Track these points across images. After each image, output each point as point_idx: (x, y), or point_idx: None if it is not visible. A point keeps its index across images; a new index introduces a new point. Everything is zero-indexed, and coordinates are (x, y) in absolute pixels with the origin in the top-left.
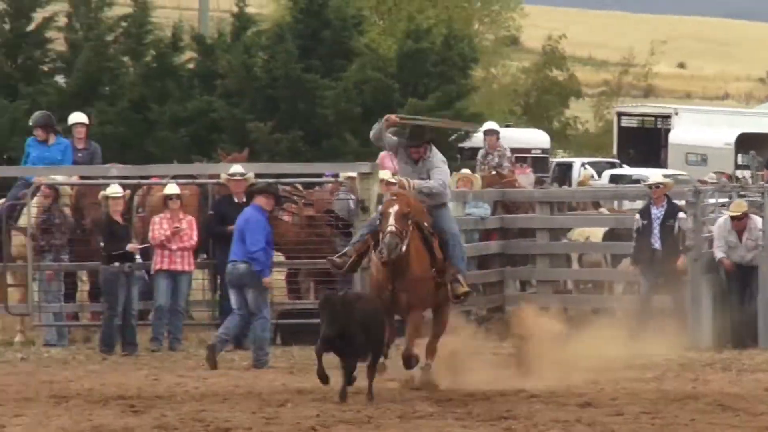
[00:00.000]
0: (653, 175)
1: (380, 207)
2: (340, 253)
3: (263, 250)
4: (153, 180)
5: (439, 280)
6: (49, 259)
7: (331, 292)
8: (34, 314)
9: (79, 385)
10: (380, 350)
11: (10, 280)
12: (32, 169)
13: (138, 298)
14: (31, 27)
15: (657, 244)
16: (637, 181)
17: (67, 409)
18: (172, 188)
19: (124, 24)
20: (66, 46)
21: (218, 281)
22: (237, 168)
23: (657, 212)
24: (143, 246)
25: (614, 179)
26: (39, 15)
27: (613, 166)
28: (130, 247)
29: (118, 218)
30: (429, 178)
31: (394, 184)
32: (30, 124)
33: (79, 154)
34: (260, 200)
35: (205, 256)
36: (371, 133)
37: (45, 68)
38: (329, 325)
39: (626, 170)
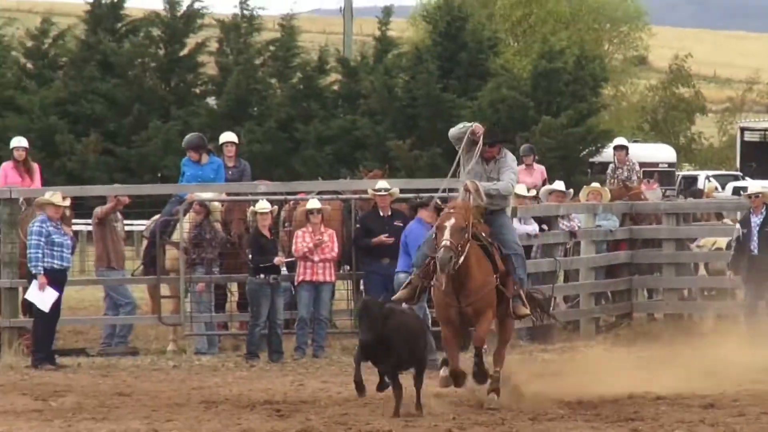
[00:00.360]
0: (752, 185)
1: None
2: (404, 284)
3: None
4: (299, 196)
5: (501, 287)
6: (200, 271)
7: (370, 298)
8: (186, 324)
9: (228, 390)
10: (423, 362)
11: (164, 291)
12: (184, 186)
13: (284, 308)
14: (184, 52)
15: (755, 250)
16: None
17: (217, 413)
18: (313, 203)
19: (272, 48)
20: (217, 69)
21: (362, 291)
22: (383, 183)
23: (756, 220)
24: (289, 259)
25: (737, 191)
26: (191, 41)
27: (736, 178)
28: (276, 260)
29: (266, 232)
30: (499, 178)
31: (526, 197)
32: (183, 146)
33: (230, 172)
34: (423, 213)
35: (348, 267)
36: (454, 132)
37: (197, 91)
38: (367, 331)
39: (749, 182)
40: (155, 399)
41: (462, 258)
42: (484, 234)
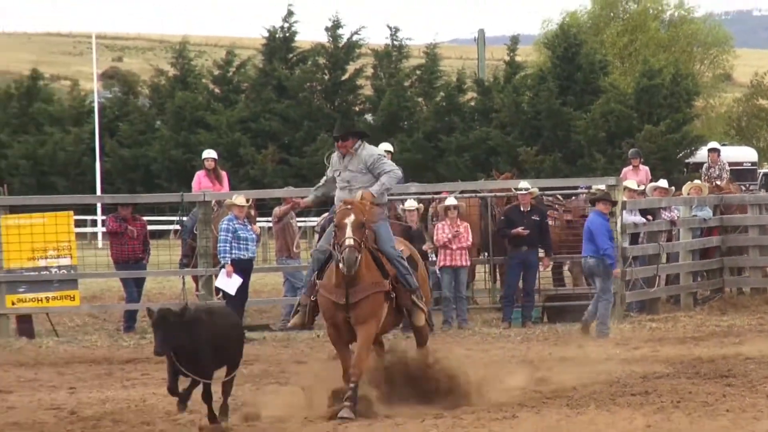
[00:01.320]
0: None
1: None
2: (294, 309)
3: (611, 248)
4: (443, 194)
5: (393, 294)
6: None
7: (167, 308)
8: None
9: (389, 356)
10: (235, 366)
11: None
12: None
13: (432, 288)
14: (345, 77)
15: None
16: None
17: None
18: (450, 201)
19: (418, 72)
20: (372, 90)
21: (497, 273)
22: (524, 183)
23: None
24: (436, 247)
25: None
26: (351, 67)
27: None
28: (424, 247)
29: (414, 225)
30: (367, 173)
31: (635, 191)
32: None
33: None
34: (600, 206)
35: (486, 253)
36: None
37: (356, 109)
38: (161, 343)
39: None
40: (327, 365)
41: (361, 257)
42: (370, 240)
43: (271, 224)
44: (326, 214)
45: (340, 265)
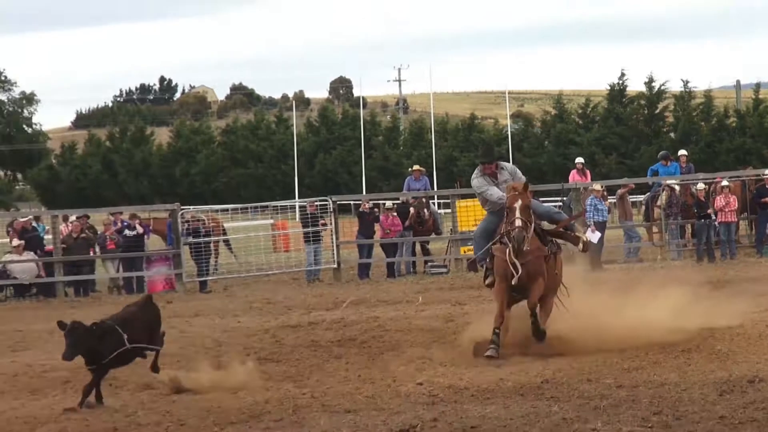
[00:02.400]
0: None
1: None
2: (485, 275)
3: None
4: (718, 179)
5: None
6: (671, 220)
7: (78, 322)
8: (666, 245)
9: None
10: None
11: (654, 230)
12: (659, 177)
13: (712, 240)
14: (656, 111)
15: None
16: None
17: (665, 288)
18: (724, 182)
19: (700, 106)
20: (673, 119)
21: (753, 225)
22: None
23: None
24: (715, 210)
25: None
26: (660, 105)
27: None
28: (708, 211)
29: (701, 198)
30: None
31: None
32: (658, 158)
33: (683, 169)
34: None
35: (745, 213)
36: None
37: (664, 129)
38: (68, 349)
39: None
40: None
41: (530, 234)
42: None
43: (614, 200)
44: (649, 193)
45: (513, 242)
